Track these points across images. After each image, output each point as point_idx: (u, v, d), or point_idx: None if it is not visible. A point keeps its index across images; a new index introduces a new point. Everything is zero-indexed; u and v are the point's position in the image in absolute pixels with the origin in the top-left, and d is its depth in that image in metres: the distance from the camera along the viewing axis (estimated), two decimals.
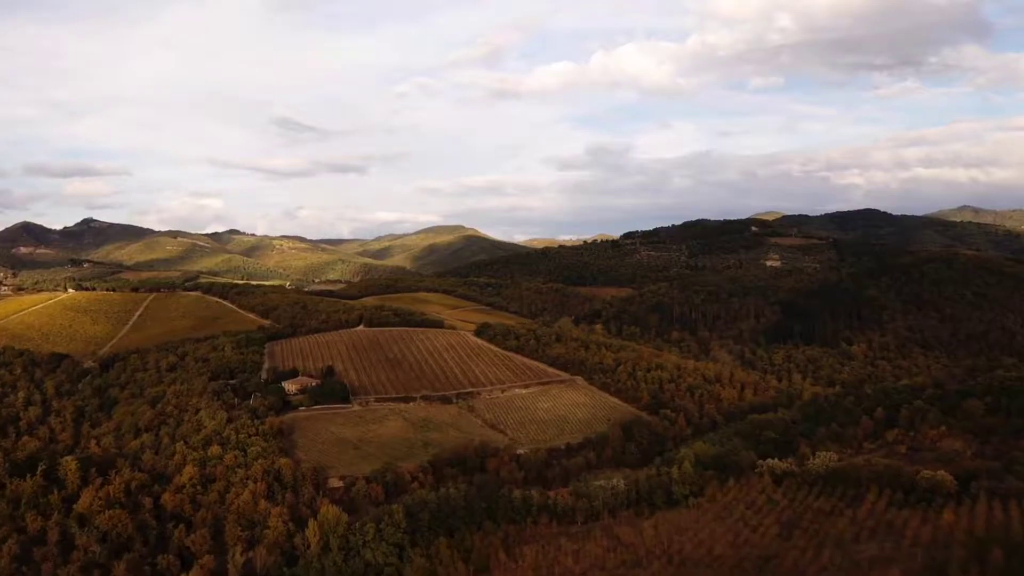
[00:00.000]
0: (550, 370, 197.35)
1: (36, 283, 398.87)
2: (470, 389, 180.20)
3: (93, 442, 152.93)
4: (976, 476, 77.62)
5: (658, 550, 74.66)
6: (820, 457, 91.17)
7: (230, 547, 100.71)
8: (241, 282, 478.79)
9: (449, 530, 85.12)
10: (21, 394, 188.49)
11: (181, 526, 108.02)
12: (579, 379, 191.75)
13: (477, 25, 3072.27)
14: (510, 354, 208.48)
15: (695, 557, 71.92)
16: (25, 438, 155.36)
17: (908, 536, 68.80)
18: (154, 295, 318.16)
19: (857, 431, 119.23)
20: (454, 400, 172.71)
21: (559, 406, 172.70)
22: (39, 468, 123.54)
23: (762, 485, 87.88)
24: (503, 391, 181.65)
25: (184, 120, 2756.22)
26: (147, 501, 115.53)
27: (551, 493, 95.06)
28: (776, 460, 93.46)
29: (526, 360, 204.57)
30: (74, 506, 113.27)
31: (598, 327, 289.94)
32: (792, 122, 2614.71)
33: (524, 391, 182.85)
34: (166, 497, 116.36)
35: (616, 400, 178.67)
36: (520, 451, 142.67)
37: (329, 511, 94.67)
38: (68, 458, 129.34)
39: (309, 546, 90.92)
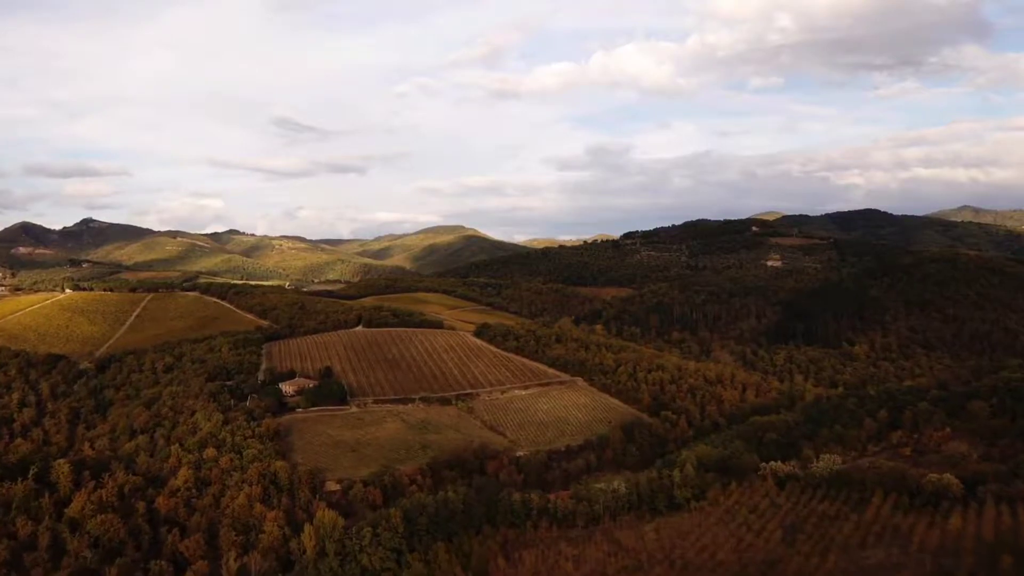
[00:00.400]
0: (550, 371, 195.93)
1: (34, 283, 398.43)
2: (469, 390, 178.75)
3: (87, 444, 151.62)
4: (983, 480, 76.47)
5: (660, 555, 73.51)
6: (824, 460, 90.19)
7: (224, 552, 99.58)
8: (240, 282, 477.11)
9: (447, 534, 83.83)
10: (16, 395, 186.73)
11: (175, 530, 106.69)
12: (579, 380, 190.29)
13: (477, 25, 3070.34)
14: (510, 355, 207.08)
15: (697, 562, 70.74)
16: (18, 440, 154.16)
17: (915, 541, 67.64)
18: (152, 295, 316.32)
19: (860, 433, 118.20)
20: (453, 401, 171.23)
21: (559, 407, 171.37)
22: (31, 471, 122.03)
23: (765, 488, 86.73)
24: (503, 392, 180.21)
25: (184, 120, 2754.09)
26: (140, 505, 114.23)
27: (551, 496, 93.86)
28: (779, 463, 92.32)
29: (526, 361, 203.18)
30: (66, 510, 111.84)
31: (598, 327, 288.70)
32: (792, 122, 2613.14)
33: (524, 392, 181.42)
34: (160, 501, 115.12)
35: (616, 401, 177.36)
36: (520, 453, 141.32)
37: (325, 515, 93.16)
38: (60, 461, 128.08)
39: (305, 551, 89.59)
